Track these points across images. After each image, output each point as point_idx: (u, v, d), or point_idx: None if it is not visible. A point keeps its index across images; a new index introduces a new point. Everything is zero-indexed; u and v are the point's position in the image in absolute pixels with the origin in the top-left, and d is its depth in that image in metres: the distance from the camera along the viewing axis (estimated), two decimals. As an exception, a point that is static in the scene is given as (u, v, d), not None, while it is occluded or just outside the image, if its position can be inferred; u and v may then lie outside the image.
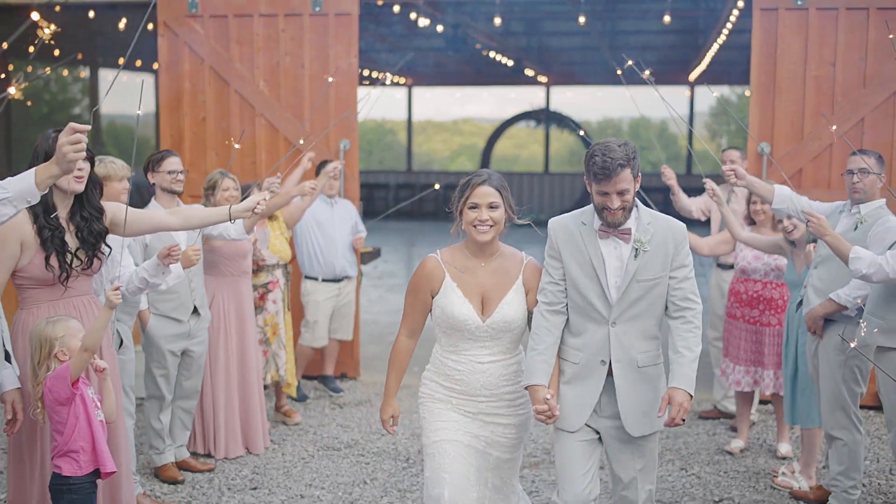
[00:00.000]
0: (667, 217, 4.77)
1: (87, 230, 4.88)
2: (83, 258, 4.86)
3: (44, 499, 4.78)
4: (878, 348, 5.63)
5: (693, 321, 4.67)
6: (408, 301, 4.93)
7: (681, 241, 4.70)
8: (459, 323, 4.76)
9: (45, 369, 4.53)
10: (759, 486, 6.93)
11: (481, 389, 4.81)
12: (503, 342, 4.84)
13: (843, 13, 8.79)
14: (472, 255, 4.85)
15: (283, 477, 7.04)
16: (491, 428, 4.85)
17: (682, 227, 4.74)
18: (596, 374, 4.72)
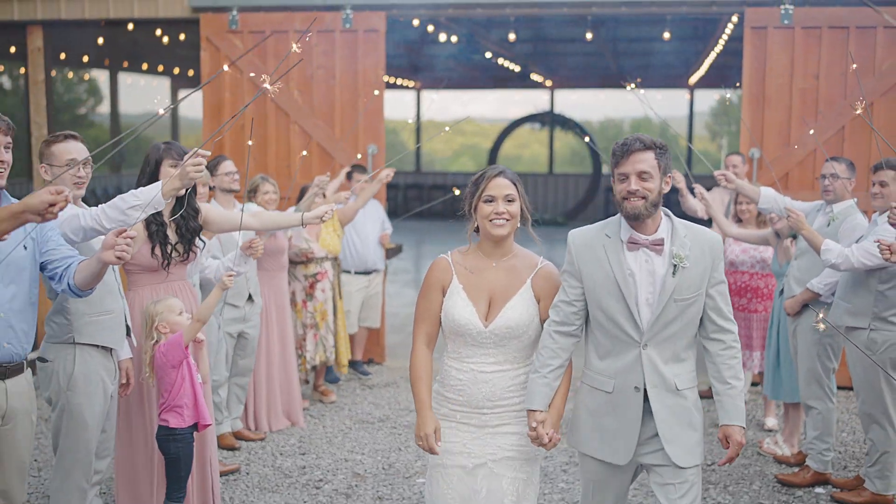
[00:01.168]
0: (701, 228, 4.45)
1: (185, 227, 5.85)
2: (181, 250, 5.82)
3: (148, 449, 5.72)
4: (847, 328, 6.56)
5: (734, 346, 4.40)
6: (421, 306, 4.63)
7: (718, 254, 4.37)
8: (461, 327, 4.48)
9: (151, 340, 5.47)
10: (747, 453, 7.85)
11: (484, 401, 4.50)
12: (509, 350, 4.53)
13: (826, 31, 9.72)
14: (485, 255, 4.58)
15: (327, 445, 7.96)
16: (499, 441, 4.51)
17: (719, 239, 4.42)
18: (633, 402, 4.38)
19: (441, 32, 13.28)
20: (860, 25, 9.62)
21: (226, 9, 10.77)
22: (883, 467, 6.60)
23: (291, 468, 7.36)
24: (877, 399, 6.51)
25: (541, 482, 6.94)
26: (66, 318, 5.06)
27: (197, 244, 5.95)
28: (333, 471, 7.32)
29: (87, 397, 5.09)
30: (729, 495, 6.86)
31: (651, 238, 4.31)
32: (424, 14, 11.14)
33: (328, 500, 6.68)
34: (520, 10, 10.71)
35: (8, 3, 11.45)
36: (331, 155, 10.60)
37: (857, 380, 6.63)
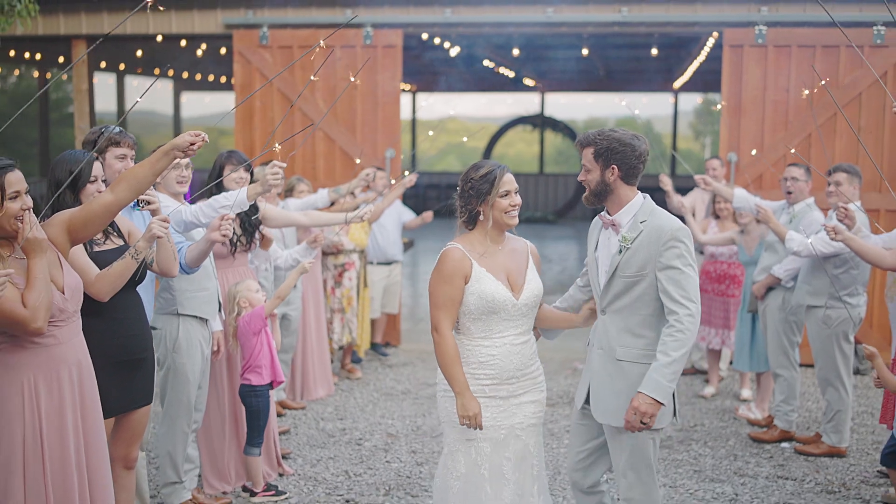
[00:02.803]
0: (665, 219, 4.84)
1: (247, 222, 7.06)
2: (244, 241, 7.05)
3: (234, 404, 6.93)
4: (808, 306, 7.81)
5: (676, 325, 4.65)
6: (444, 293, 4.90)
7: (669, 243, 4.72)
8: (498, 304, 4.86)
9: (233, 314, 6.68)
10: (724, 417, 9.08)
11: (514, 371, 4.92)
12: (529, 319, 5.03)
13: (795, 49, 10.96)
14: (492, 241, 4.98)
15: (360, 412, 9.16)
16: (524, 410, 4.99)
17: (669, 230, 4.75)
18: (592, 357, 5.03)
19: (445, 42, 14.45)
20: (825, 45, 10.87)
21: (256, 25, 11.96)
22: (837, 423, 7.86)
23: (333, 430, 8.56)
24: (831, 365, 7.77)
25: (549, 440, 8.17)
26: (171, 294, 6.25)
27: (256, 237, 7.17)
28: (370, 432, 8.52)
29: (188, 358, 6.27)
30: (709, 449, 8.09)
31: (611, 218, 4.91)
32: (438, 31, 12.36)
33: (370, 454, 7.88)
34: (522, 28, 11.96)
35: (55, 18, 12.62)
36: (352, 158, 11.79)
37: (815, 350, 7.87)
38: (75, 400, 4.42)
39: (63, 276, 4.42)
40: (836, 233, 6.75)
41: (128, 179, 4.57)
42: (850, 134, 10.77)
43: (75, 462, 4.40)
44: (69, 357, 4.41)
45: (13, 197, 4.19)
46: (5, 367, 4.25)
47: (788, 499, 6.94)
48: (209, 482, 6.92)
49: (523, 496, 4.99)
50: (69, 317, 4.42)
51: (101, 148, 5.59)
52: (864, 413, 9.10)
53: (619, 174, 4.86)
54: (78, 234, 4.55)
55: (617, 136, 4.83)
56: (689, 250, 4.76)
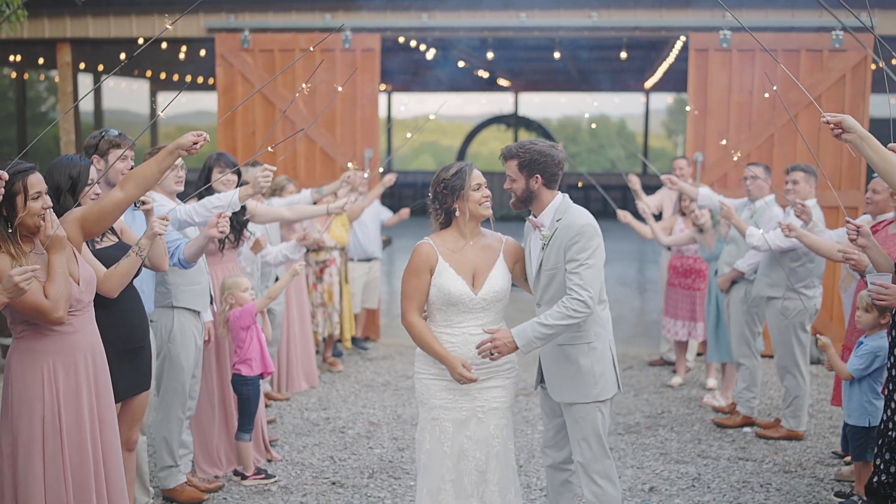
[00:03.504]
0: (578, 216, 5.32)
1: (235, 220, 7.44)
2: (233, 238, 7.42)
3: (223, 393, 7.32)
4: (767, 298, 8.27)
5: (565, 303, 5.15)
6: (411, 284, 5.39)
7: (575, 239, 5.21)
8: (455, 298, 5.30)
9: (225, 306, 7.07)
10: (690, 405, 9.52)
11: (474, 359, 5.29)
12: (491, 313, 5.39)
13: (758, 54, 11.43)
14: (462, 236, 5.40)
15: (342, 402, 9.55)
16: (486, 394, 5.39)
17: (576, 225, 5.24)
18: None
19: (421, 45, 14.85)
20: (787, 49, 11.34)
21: (238, 29, 12.33)
22: (795, 408, 8.32)
23: (317, 419, 8.95)
24: (789, 354, 8.23)
25: (524, 426, 8.59)
26: (167, 287, 6.62)
27: (245, 234, 7.57)
28: (353, 420, 8.92)
29: (183, 347, 6.65)
30: (674, 434, 8.53)
31: (537, 220, 5.43)
32: (415, 35, 12.76)
33: (353, 441, 8.28)
34: (497, 33, 12.40)
35: (40, 22, 12.93)
36: (332, 158, 12.18)
37: (774, 339, 8.33)
38: (90, 383, 4.82)
39: (79, 269, 4.81)
40: (790, 230, 7.21)
41: (136, 178, 4.97)
42: (810, 134, 11.24)
43: (90, 441, 4.79)
44: (84, 343, 4.81)
45: (35, 197, 4.58)
46: (26, 353, 4.66)
47: (748, 478, 7.39)
48: (201, 467, 7.30)
49: (485, 473, 5.39)
50: (85, 307, 4.82)
51: (102, 151, 5.99)
52: (822, 400, 9.56)
53: (543, 182, 5.38)
54: (91, 229, 4.96)
55: (537, 148, 5.35)
56: (591, 244, 5.24)
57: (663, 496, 7.02)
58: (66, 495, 4.69)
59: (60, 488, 4.68)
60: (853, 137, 4.76)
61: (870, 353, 6.51)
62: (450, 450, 5.38)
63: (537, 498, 6.91)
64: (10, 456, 4.66)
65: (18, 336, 4.69)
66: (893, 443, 5.57)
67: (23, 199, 4.55)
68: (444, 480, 5.40)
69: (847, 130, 4.76)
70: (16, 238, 4.60)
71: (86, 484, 4.77)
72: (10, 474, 4.66)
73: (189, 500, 6.76)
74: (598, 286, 5.26)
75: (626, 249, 22.14)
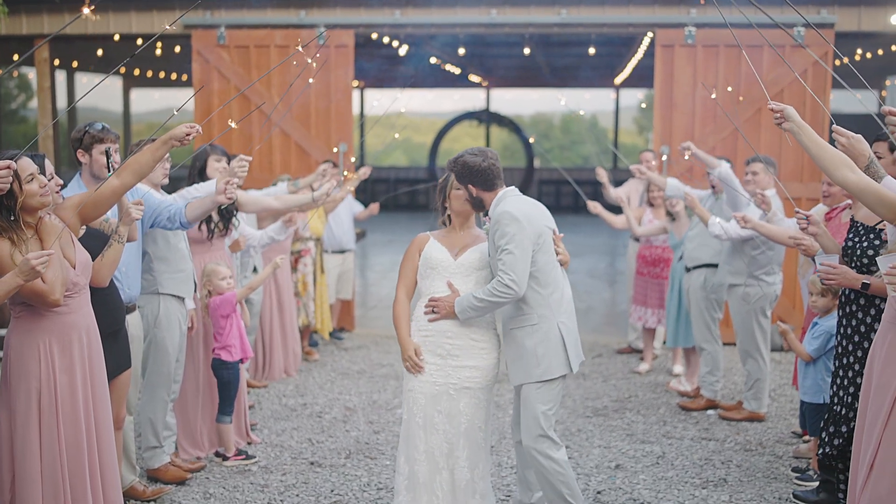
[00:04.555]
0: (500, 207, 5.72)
1: (223, 209, 7.68)
2: (221, 227, 7.66)
3: (208, 378, 7.57)
4: (728, 285, 8.59)
5: (494, 285, 5.56)
6: (403, 267, 5.94)
7: (494, 227, 5.67)
8: (436, 262, 5.80)
9: (205, 293, 7.33)
10: (656, 390, 9.83)
11: (450, 326, 5.72)
12: (470, 282, 5.79)
13: (723, 49, 11.75)
14: (453, 229, 5.98)
15: (319, 390, 9.79)
16: (459, 373, 5.71)
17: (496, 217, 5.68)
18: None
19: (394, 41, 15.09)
20: (750, 45, 11.64)
21: (214, 26, 12.54)
22: (756, 391, 8.64)
23: (295, 405, 9.20)
24: (750, 338, 8.55)
25: (496, 411, 8.86)
26: (152, 275, 6.85)
27: (233, 222, 7.82)
28: (330, 406, 9.18)
29: (168, 332, 6.89)
30: (641, 416, 8.83)
31: (486, 217, 5.93)
32: (388, 32, 13.00)
33: (330, 425, 8.54)
34: (468, 29, 12.67)
35: (18, 19, 13.10)
36: (307, 152, 12.43)
37: (736, 324, 8.65)
38: (84, 360, 5.07)
39: (75, 253, 5.06)
40: (745, 221, 7.55)
41: (132, 166, 5.26)
42: (774, 127, 11.56)
43: (84, 415, 5.04)
44: (79, 323, 5.07)
45: (29, 180, 4.84)
46: (24, 333, 4.91)
47: (710, 456, 7.71)
48: (184, 448, 7.55)
49: (453, 447, 5.73)
50: (81, 289, 5.08)
51: (87, 145, 6.20)
52: (784, 384, 9.88)
53: (479, 188, 5.81)
54: (88, 215, 5.22)
55: (462, 160, 5.80)
56: (508, 231, 5.59)
57: (628, 473, 7.32)
58: (61, 467, 4.95)
59: (55, 460, 4.93)
60: (792, 126, 5.06)
61: (825, 332, 6.83)
62: (422, 421, 5.74)
63: (508, 475, 7.20)
64: (8, 430, 4.92)
65: (17, 316, 4.94)
66: (838, 417, 5.88)
67: (18, 185, 4.78)
68: (419, 451, 5.74)
69: (787, 119, 5.06)
70: (18, 225, 4.84)
71: (79, 456, 5.02)
72: (7, 447, 4.91)
73: (173, 480, 7.00)
74: (523, 267, 5.57)
75: (596, 243, 22.50)
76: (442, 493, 5.74)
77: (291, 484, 7.07)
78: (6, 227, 4.80)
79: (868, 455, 4.74)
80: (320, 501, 6.74)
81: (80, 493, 5.05)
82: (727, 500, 6.76)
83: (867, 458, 4.75)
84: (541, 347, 5.68)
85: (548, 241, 5.77)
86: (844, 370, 5.86)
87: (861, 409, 4.94)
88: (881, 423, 4.66)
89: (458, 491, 5.76)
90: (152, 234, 6.80)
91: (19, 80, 30.03)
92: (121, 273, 6.15)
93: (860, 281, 5.59)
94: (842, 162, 4.92)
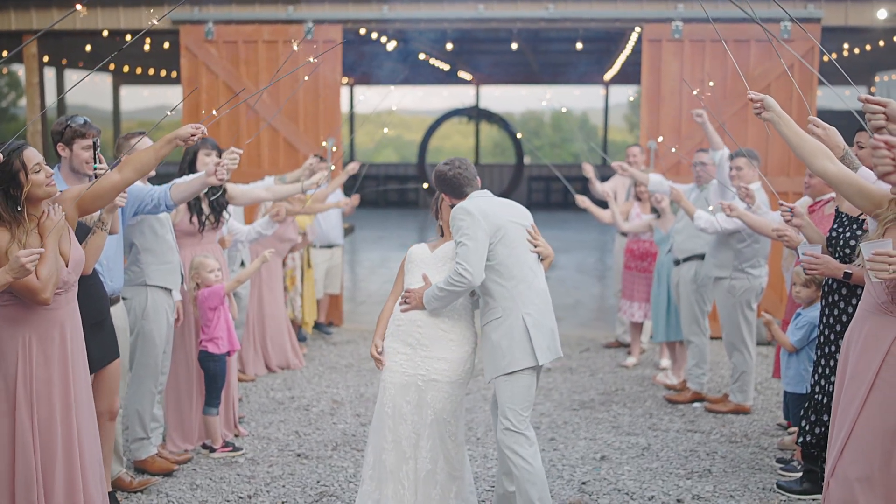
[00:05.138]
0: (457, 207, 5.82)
1: (215, 202, 7.70)
2: (213, 219, 7.68)
3: (190, 367, 7.58)
4: (714, 278, 8.63)
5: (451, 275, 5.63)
6: (398, 277, 6.13)
7: (452, 226, 5.78)
8: (417, 258, 5.97)
9: (193, 285, 7.35)
10: (643, 384, 9.87)
11: (421, 315, 5.84)
12: (444, 271, 5.86)
13: (709, 44, 11.80)
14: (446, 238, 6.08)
15: (307, 383, 9.82)
16: (428, 364, 5.79)
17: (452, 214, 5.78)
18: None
19: (382, 37, 15.12)
20: (737, 39, 11.70)
21: (202, 21, 12.56)
22: (742, 383, 8.68)
23: (283, 398, 9.22)
24: (736, 331, 8.59)
25: (483, 403, 8.90)
26: (139, 266, 6.88)
27: (224, 215, 7.83)
28: (317, 399, 9.20)
29: (156, 324, 6.91)
30: (627, 409, 8.87)
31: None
32: (375, 27, 13.03)
33: (317, 418, 8.56)
34: (455, 24, 12.71)
35: (6, 14, 13.11)
36: (295, 147, 12.45)
37: (722, 317, 8.69)
38: (66, 354, 5.08)
39: (70, 249, 5.09)
40: (731, 210, 7.59)
41: (134, 163, 5.32)
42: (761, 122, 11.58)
43: (61, 409, 5.06)
44: (61, 319, 5.08)
45: (36, 170, 4.88)
46: (7, 321, 4.95)
47: (695, 447, 7.75)
48: (174, 441, 7.56)
49: (420, 437, 5.80)
50: (69, 287, 5.11)
51: (67, 139, 6.19)
52: (770, 378, 9.92)
53: (450, 196, 5.96)
54: (86, 208, 5.27)
55: (436, 170, 5.97)
56: (461, 224, 5.69)
57: (613, 464, 7.36)
58: (35, 460, 4.95)
59: (29, 452, 4.95)
60: (771, 116, 5.07)
61: (809, 323, 6.89)
62: (391, 410, 5.82)
63: (493, 466, 7.23)
64: None
65: (2, 304, 4.95)
66: (819, 405, 5.94)
67: (24, 175, 4.83)
68: (387, 440, 5.82)
69: (767, 109, 5.07)
70: (22, 216, 4.88)
71: (52, 450, 5.02)
72: None
73: (159, 471, 7.02)
74: (477, 258, 5.63)
75: (586, 239, 22.52)
76: (408, 482, 5.81)
77: (278, 475, 7.10)
78: (10, 217, 4.84)
79: (839, 440, 4.78)
80: (306, 492, 6.77)
81: (51, 486, 5.05)
82: (711, 491, 6.80)
83: (838, 442, 4.79)
84: (505, 340, 5.72)
85: (510, 234, 5.78)
86: (826, 359, 5.91)
87: (836, 395, 4.97)
88: (855, 409, 4.70)
89: (419, 481, 5.83)
90: (140, 225, 6.83)
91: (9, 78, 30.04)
92: (103, 266, 6.16)
93: (842, 270, 5.64)
94: (822, 152, 4.94)
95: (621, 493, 6.75)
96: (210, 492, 6.78)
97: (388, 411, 5.81)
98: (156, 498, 6.66)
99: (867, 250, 4.39)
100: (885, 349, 4.58)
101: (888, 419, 4.56)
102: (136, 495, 6.63)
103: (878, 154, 3.99)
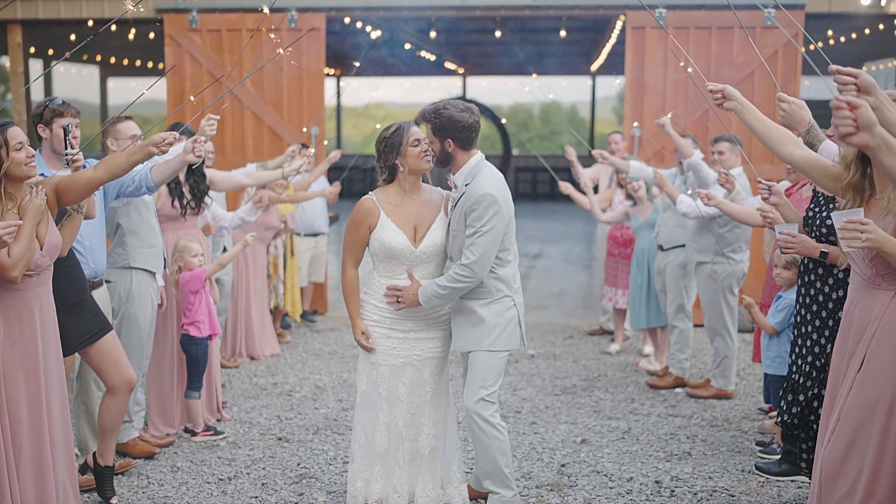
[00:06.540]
0: (480, 183, 5.53)
1: (196, 187, 7.70)
2: (194, 205, 7.68)
3: (172, 350, 7.58)
4: (696, 263, 8.65)
5: (456, 268, 5.49)
6: (349, 237, 5.74)
7: (471, 205, 5.46)
8: (396, 252, 5.63)
9: (176, 269, 7.35)
10: (626, 369, 9.89)
11: (410, 312, 5.72)
12: (431, 266, 5.74)
13: (693, 31, 11.82)
14: (403, 191, 5.71)
15: (290, 370, 9.82)
16: (422, 345, 5.78)
17: (476, 194, 5.46)
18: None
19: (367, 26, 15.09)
20: (720, 26, 11.73)
21: (186, 10, 12.55)
22: (724, 368, 8.71)
23: (265, 384, 9.23)
24: (718, 316, 8.62)
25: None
26: (124, 249, 6.88)
27: (206, 201, 7.83)
28: (300, 385, 9.21)
29: (140, 306, 6.91)
30: (609, 394, 8.89)
31: (452, 179, 5.73)
32: (359, 15, 13.02)
33: (299, 403, 8.57)
34: (439, 12, 12.73)
35: (-12, 4, 13.07)
36: (280, 136, 12.44)
37: (704, 302, 8.71)
38: (34, 338, 5.08)
39: (47, 233, 5.09)
40: (709, 198, 7.62)
41: (107, 164, 5.33)
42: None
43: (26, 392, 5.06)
44: (31, 301, 5.08)
45: (17, 148, 4.88)
46: None
47: (676, 431, 7.78)
48: (155, 425, 7.57)
49: (416, 415, 5.81)
50: (42, 271, 5.11)
51: (47, 120, 6.20)
52: (753, 364, 9.95)
53: (456, 145, 5.62)
54: (62, 198, 5.27)
55: (447, 114, 5.56)
56: (487, 213, 5.47)
57: (593, 447, 7.38)
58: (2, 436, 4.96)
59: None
60: (734, 105, 5.00)
61: (789, 305, 6.89)
62: (385, 393, 5.77)
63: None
64: None
65: None
66: (796, 385, 5.95)
67: (6, 151, 4.84)
68: (379, 422, 5.79)
69: (728, 98, 5.02)
70: (0, 192, 4.89)
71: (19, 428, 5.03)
72: None
73: (140, 454, 7.03)
74: (491, 252, 5.51)
75: (572, 229, 22.59)
76: (403, 462, 5.83)
77: (258, 458, 7.11)
78: None
79: (833, 420, 4.76)
80: (286, 474, 6.77)
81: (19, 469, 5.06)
82: (690, 472, 6.82)
83: (832, 422, 4.77)
84: (496, 318, 5.66)
85: (512, 221, 5.73)
86: (803, 339, 5.93)
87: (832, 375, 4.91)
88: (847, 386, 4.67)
89: (421, 458, 5.84)
90: (126, 207, 6.85)
91: (-1, 73, 29.93)
92: (84, 248, 6.17)
93: (819, 250, 5.66)
94: (788, 139, 4.93)
95: (600, 475, 6.77)
96: (191, 474, 6.78)
97: (381, 394, 5.76)
98: (136, 479, 6.67)
99: (838, 220, 4.37)
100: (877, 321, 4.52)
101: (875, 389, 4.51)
102: (116, 477, 6.61)
103: (840, 115, 3.96)
